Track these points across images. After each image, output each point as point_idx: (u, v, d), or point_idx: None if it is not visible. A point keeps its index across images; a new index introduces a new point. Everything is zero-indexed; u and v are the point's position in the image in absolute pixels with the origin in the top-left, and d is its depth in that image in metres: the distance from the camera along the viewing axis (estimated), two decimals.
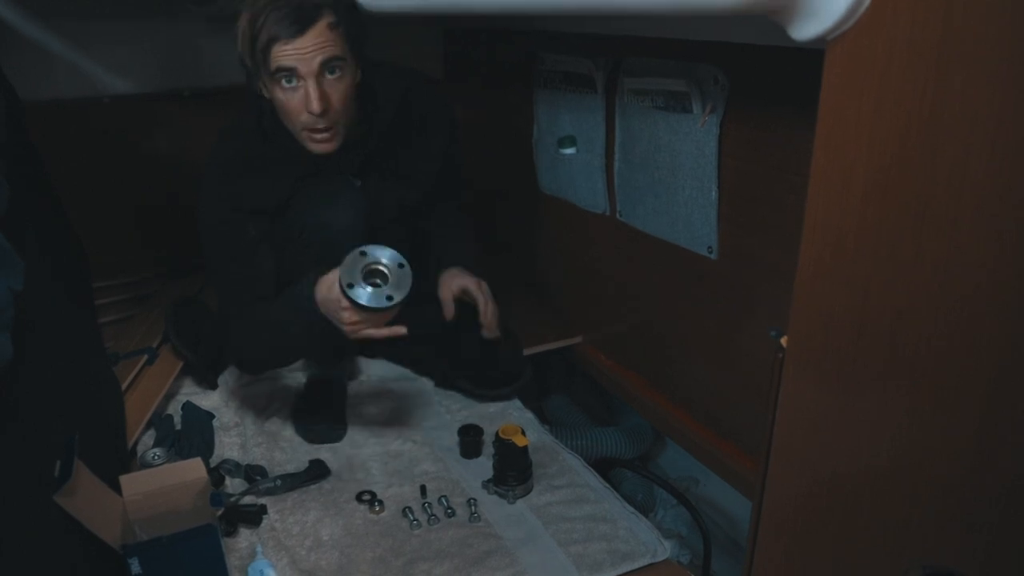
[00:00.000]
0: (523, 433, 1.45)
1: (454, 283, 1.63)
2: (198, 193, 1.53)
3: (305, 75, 1.35)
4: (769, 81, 1.22)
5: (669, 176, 1.44)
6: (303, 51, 1.33)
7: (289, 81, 1.36)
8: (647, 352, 1.71)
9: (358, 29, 1.39)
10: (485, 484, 1.47)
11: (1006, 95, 0.79)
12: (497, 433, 1.45)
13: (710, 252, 1.41)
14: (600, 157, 1.65)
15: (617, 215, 1.65)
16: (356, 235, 1.53)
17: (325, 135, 1.42)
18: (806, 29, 0.79)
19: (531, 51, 1.81)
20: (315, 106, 1.36)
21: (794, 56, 0.98)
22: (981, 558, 1.01)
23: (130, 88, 2.09)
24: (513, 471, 1.44)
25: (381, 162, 1.57)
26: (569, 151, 1.75)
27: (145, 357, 1.72)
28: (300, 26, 1.32)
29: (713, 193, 1.35)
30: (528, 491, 1.45)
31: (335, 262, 1.50)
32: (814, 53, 0.80)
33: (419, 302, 1.77)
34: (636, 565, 1.29)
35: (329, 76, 1.37)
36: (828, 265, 0.86)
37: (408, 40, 2.18)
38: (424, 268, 1.82)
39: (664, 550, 1.31)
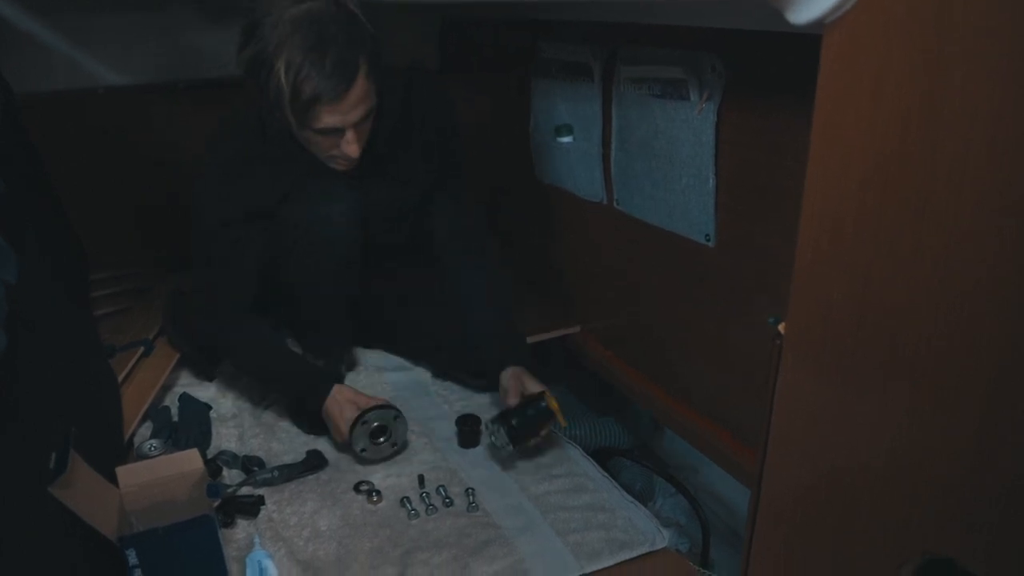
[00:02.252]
0: (560, 415, 1.44)
1: (520, 385, 1.53)
2: (195, 190, 1.52)
3: (345, 127, 1.35)
4: (767, 68, 1.21)
5: (666, 164, 1.43)
6: (346, 110, 1.32)
7: (326, 133, 1.36)
8: (645, 340, 1.71)
9: (381, 64, 1.37)
10: (490, 421, 1.46)
11: (1007, 80, 0.78)
12: (544, 394, 1.45)
13: (708, 240, 1.40)
14: (597, 146, 1.64)
15: (614, 203, 1.64)
16: (352, 232, 1.53)
17: (349, 161, 1.44)
18: (803, 12, 0.78)
19: (528, 40, 1.80)
20: (356, 153, 1.38)
21: (792, 42, 0.97)
22: (981, 557, 1.00)
23: (125, 80, 2.08)
24: (518, 419, 1.44)
25: (381, 161, 1.56)
26: (566, 140, 1.75)
27: (141, 349, 1.71)
28: (345, 85, 1.29)
29: (710, 181, 1.35)
30: (508, 453, 1.46)
31: (328, 259, 1.51)
32: (812, 38, 0.79)
33: (421, 303, 1.77)
34: (634, 554, 1.28)
35: (364, 123, 1.38)
36: (826, 251, 0.86)
37: (405, 29, 2.17)
38: (428, 268, 1.82)
39: (662, 539, 1.31)
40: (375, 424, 1.46)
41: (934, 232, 0.85)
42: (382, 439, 1.48)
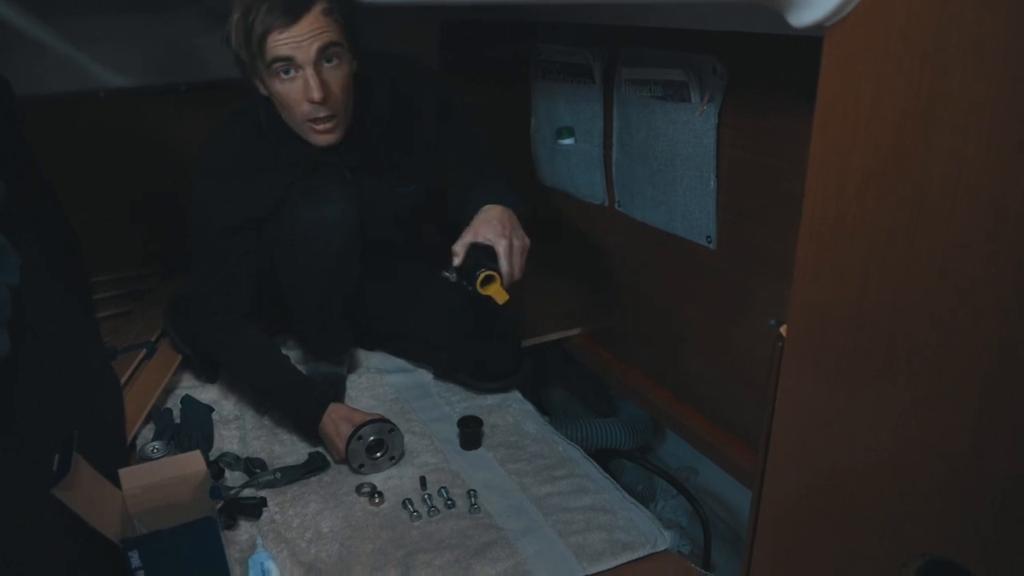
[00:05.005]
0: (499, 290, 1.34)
1: (485, 231, 1.38)
2: (192, 197, 1.52)
3: (303, 63, 1.34)
4: (767, 70, 1.21)
5: (667, 166, 1.44)
6: (299, 39, 1.32)
7: (287, 72, 1.35)
8: (646, 343, 1.71)
9: (353, 16, 1.38)
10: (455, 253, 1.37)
11: (1005, 81, 0.79)
12: (480, 278, 1.33)
13: (709, 242, 1.41)
14: (598, 148, 1.64)
15: (616, 206, 1.65)
16: (350, 232, 1.53)
17: (327, 125, 1.41)
18: (804, 16, 0.79)
19: (528, 42, 1.81)
20: (315, 94, 1.35)
21: (792, 44, 0.98)
22: (979, 556, 1.01)
23: (126, 82, 2.08)
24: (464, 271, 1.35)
25: (377, 158, 1.56)
26: (567, 142, 1.75)
27: (144, 351, 1.72)
28: (294, 14, 1.30)
29: (711, 183, 1.35)
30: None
31: (326, 261, 1.51)
32: (812, 41, 0.79)
33: (421, 303, 1.78)
34: (636, 555, 1.29)
35: (327, 64, 1.36)
36: (826, 254, 0.86)
37: (404, 32, 2.18)
38: (428, 267, 1.82)
39: (664, 540, 1.31)
40: (371, 439, 1.46)
41: (931, 232, 0.85)
42: (379, 454, 1.48)
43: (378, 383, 1.77)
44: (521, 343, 1.80)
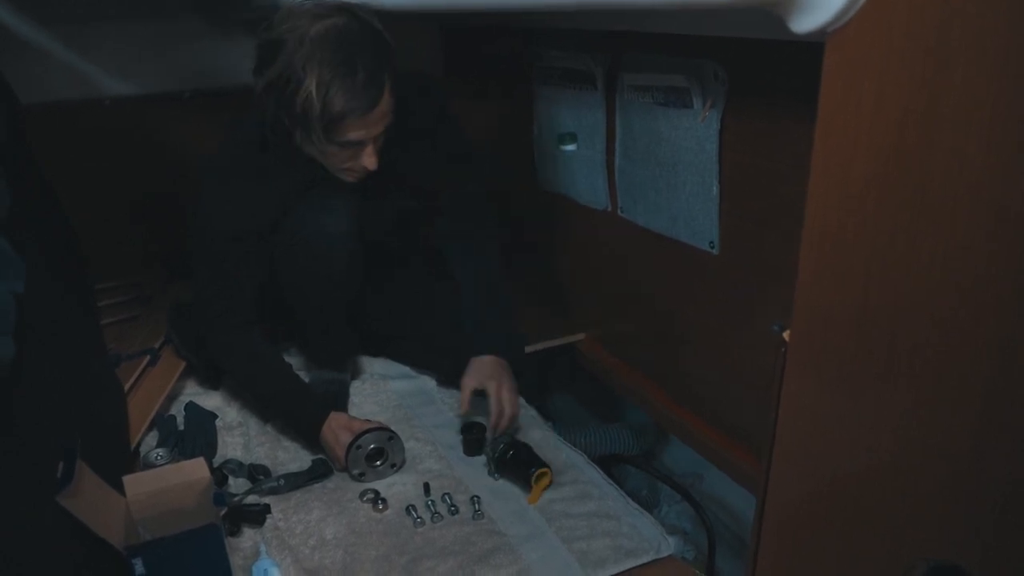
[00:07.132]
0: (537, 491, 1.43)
1: (479, 378, 1.54)
2: (195, 208, 1.53)
3: (367, 140, 1.37)
4: (769, 75, 1.21)
5: (670, 172, 1.44)
6: (371, 123, 1.34)
7: (348, 146, 1.37)
8: (649, 348, 1.71)
9: (396, 77, 1.38)
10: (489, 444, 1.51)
11: (1005, 85, 0.79)
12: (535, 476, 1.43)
13: (711, 247, 1.41)
14: (601, 153, 1.65)
15: (618, 211, 1.65)
16: (354, 242, 1.53)
17: (364, 173, 1.45)
18: (806, 21, 0.79)
19: (530, 48, 1.81)
20: (374, 164, 1.40)
21: (794, 49, 0.98)
22: (980, 559, 1.00)
23: (130, 90, 2.09)
24: (502, 464, 1.48)
25: (380, 168, 1.57)
26: (569, 148, 1.75)
27: (147, 358, 1.72)
28: (373, 101, 1.31)
29: (714, 188, 1.35)
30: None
31: (328, 268, 1.51)
32: (814, 46, 0.80)
33: (424, 309, 1.78)
34: (640, 561, 1.28)
35: (382, 136, 1.39)
36: (828, 259, 0.86)
37: (407, 37, 2.18)
38: (430, 275, 1.82)
39: (668, 546, 1.31)
40: (371, 447, 1.46)
41: (932, 232, 0.85)
42: (379, 462, 1.48)
43: (381, 389, 1.78)
44: (524, 349, 1.80)
